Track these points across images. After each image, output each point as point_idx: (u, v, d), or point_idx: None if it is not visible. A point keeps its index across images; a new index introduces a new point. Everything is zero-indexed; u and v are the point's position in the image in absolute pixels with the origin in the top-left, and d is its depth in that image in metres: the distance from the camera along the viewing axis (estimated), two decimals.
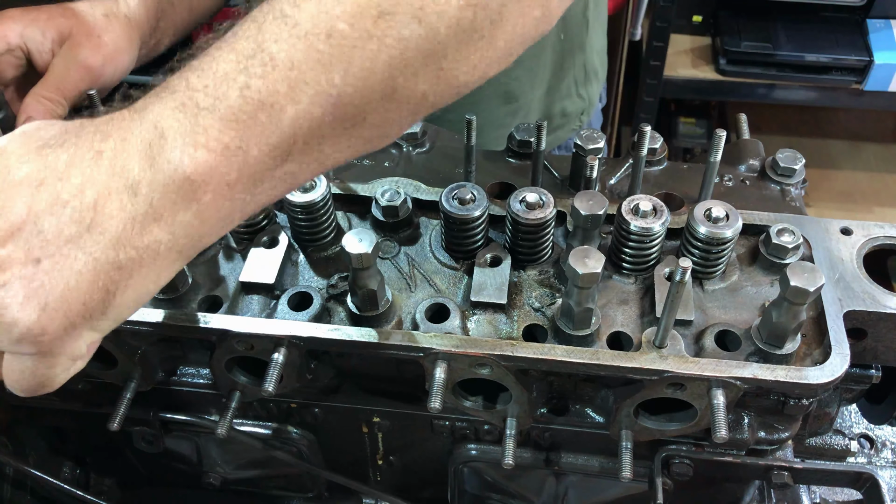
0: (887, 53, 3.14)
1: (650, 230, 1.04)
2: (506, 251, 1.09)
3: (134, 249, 0.74)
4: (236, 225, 0.81)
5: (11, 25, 1.24)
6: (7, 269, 0.71)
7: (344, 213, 1.18)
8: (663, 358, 0.97)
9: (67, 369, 0.80)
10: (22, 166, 0.74)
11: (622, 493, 1.29)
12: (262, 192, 0.77)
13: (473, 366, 0.99)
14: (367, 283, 0.98)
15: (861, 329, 1.06)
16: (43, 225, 0.72)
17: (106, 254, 0.73)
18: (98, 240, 0.72)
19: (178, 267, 0.79)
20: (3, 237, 0.72)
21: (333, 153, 0.79)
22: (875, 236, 1.11)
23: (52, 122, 0.79)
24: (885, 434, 1.43)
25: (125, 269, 0.74)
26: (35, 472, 1.26)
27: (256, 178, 0.75)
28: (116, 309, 0.76)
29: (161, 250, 0.75)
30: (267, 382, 0.99)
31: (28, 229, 0.72)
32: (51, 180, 0.73)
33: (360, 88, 0.73)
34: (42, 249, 0.72)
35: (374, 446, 1.29)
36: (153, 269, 0.76)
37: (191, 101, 0.73)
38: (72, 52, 1.26)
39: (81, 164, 0.73)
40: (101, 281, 0.73)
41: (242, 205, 0.77)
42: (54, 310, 0.72)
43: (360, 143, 0.80)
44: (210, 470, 1.41)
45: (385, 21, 0.71)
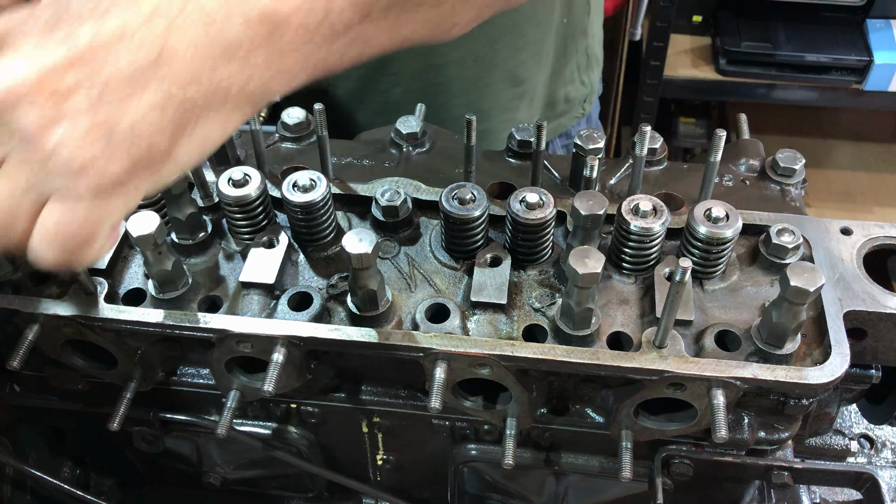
0: (887, 53, 3.14)
1: (650, 230, 1.04)
2: (506, 251, 1.09)
3: (204, 86, 0.69)
4: (302, 83, 0.77)
5: None
6: (69, 99, 0.67)
7: (344, 213, 1.19)
8: (663, 358, 0.97)
9: (108, 233, 0.75)
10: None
11: (622, 493, 1.29)
12: (335, 50, 0.74)
13: (473, 366, 0.99)
14: (367, 283, 0.98)
15: (861, 329, 1.06)
16: (108, 55, 0.67)
17: (174, 89, 0.68)
18: (166, 73, 0.68)
19: (246, 116, 0.75)
20: (66, 66, 0.66)
21: (405, 27, 0.77)
22: (875, 236, 1.11)
23: None
24: (885, 434, 1.43)
25: (193, 108, 0.70)
26: (35, 472, 1.26)
27: (336, 29, 0.72)
28: (180, 154, 0.72)
29: (232, 91, 0.71)
30: (267, 382, 0.99)
31: (92, 59, 0.67)
32: (117, 8, 0.68)
33: None
34: (107, 81, 0.67)
35: (374, 446, 1.29)
36: (221, 112, 0.72)
37: None
38: None
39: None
40: (168, 118, 0.69)
41: (316, 59, 0.74)
42: (118, 145, 0.68)
43: (434, 21, 0.79)
44: (210, 470, 1.41)
45: None
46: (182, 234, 1.12)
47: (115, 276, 1.11)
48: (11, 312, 1.04)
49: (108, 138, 0.67)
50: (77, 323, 1.03)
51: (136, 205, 0.75)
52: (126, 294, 1.08)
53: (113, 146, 0.68)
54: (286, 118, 1.30)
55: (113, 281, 1.09)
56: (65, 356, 1.11)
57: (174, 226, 1.11)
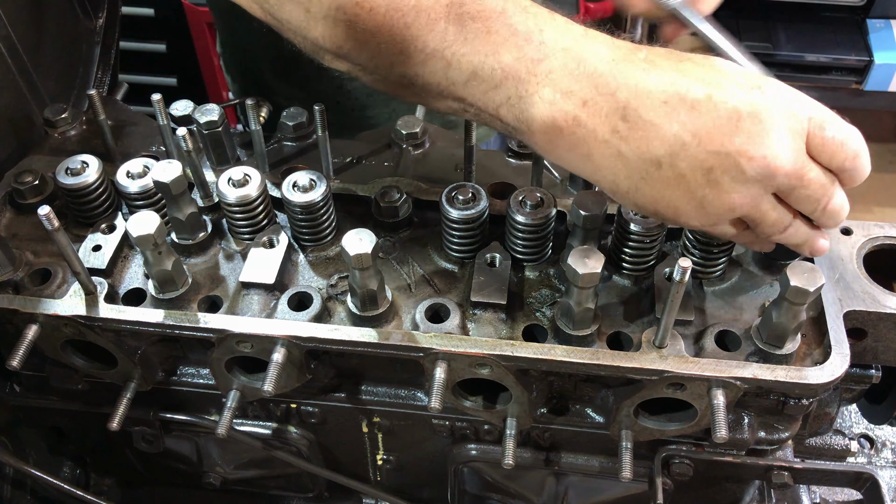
0: (887, 53, 3.14)
1: (650, 230, 1.04)
2: (506, 251, 1.09)
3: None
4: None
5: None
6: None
7: (344, 213, 1.18)
8: (663, 358, 0.97)
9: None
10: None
11: (622, 493, 1.29)
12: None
13: (473, 366, 0.99)
14: (367, 283, 0.98)
15: (861, 329, 1.06)
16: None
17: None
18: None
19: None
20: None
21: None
22: (875, 236, 1.11)
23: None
24: (885, 434, 1.43)
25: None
26: (35, 472, 1.26)
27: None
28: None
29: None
30: (267, 382, 0.99)
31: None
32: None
33: None
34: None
35: (374, 446, 1.29)
36: None
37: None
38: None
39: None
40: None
41: None
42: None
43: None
44: (210, 470, 1.41)
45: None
46: (182, 234, 1.12)
47: (115, 276, 1.11)
48: (11, 312, 1.03)
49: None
50: (77, 323, 1.03)
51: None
52: (126, 294, 1.08)
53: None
54: (286, 118, 1.30)
55: (113, 281, 1.09)
56: (65, 356, 1.10)
57: (174, 226, 1.11)
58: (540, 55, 0.85)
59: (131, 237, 0.96)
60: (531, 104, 0.85)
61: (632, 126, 0.83)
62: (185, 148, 1.08)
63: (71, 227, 1.16)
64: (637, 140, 0.83)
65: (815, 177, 0.86)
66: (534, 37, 0.85)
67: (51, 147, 1.30)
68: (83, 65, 1.52)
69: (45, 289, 1.07)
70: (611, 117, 0.83)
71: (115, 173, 1.13)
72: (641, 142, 0.83)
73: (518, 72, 0.85)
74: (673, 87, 0.82)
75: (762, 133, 0.81)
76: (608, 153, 0.85)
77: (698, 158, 0.82)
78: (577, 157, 0.88)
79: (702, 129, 0.81)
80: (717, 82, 0.82)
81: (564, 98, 0.84)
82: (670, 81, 0.82)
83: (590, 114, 0.84)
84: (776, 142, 0.82)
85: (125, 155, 1.25)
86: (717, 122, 0.81)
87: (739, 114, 0.81)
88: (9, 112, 1.30)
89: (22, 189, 1.17)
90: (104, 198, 1.16)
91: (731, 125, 0.81)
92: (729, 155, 0.82)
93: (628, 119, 0.83)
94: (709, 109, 0.81)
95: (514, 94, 0.86)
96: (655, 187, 0.86)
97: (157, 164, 1.04)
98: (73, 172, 1.13)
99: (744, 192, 0.84)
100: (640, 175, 0.85)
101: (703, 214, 0.87)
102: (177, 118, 1.27)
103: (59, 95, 1.43)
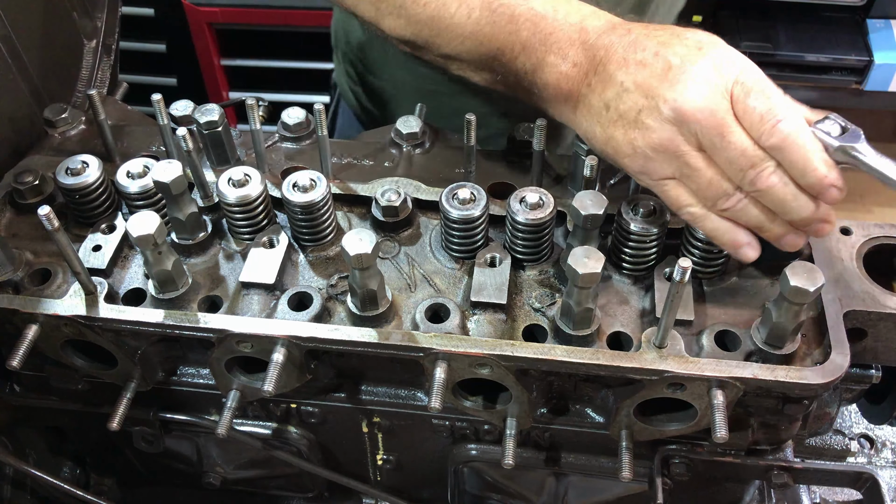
0: (887, 53, 3.14)
1: (650, 230, 1.04)
2: (506, 251, 1.09)
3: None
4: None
5: None
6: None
7: (344, 213, 1.19)
8: (663, 358, 0.97)
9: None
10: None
11: (622, 493, 1.29)
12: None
13: (473, 366, 0.99)
14: (367, 283, 0.98)
15: (861, 329, 1.06)
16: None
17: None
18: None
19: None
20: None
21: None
22: (875, 236, 1.11)
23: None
24: (885, 434, 1.43)
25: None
26: (35, 472, 1.26)
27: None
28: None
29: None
30: (267, 382, 0.99)
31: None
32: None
33: None
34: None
35: (374, 446, 1.29)
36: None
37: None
38: None
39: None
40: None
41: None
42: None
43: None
44: (210, 470, 1.41)
45: None
46: (182, 234, 1.12)
47: (115, 276, 1.11)
48: (11, 312, 1.03)
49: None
50: (77, 323, 1.03)
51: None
52: (126, 294, 1.08)
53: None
54: (286, 118, 1.30)
55: (113, 281, 1.09)
56: (65, 356, 1.10)
57: (174, 226, 1.11)
58: (551, 29, 1.04)
59: (131, 237, 0.96)
60: (542, 69, 1.05)
61: (598, 78, 1.00)
62: (185, 148, 1.08)
63: (71, 227, 1.16)
64: (598, 88, 1.00)
65: (736, 139, 0.91)
66: (549, 15, 1.05)
67: (51, 147, 1.30)
68: (83, 65, 1.52)
69: (45, 289, 1.07)
70: (589, 74, 1.01)
71: (115, 173, 1.13)
72: (599, 88, 0.99)
73: (533, 44, 1.05)
74: (632, 46, 0.97)
75: (681, 80, 0.92)
76: (584, 104, 1.02)
77: (632, 101, 0.96)
78: (568, 109, 1.05)
79: (640, 77, 0.95)
80: (669, 42, 0.95)
81: (563, 61, 1.03)
82: (633, 43, 0.97)
83: (577, 72, 1.02)
84: (690, 88, 0.92)
85: (125, 155, 1.25)
86: (653, 72, 0.94)
87: (671, 64, 0.93)
88: (9, 112, 1.30)
89: (22, 189, 1.17)
90: (104, 198, 1.16)
91: (661, 74, 0.94)
92: (652, 97, 0.94)
93: (597, 73, 1.00)
94: (651, 63, 0.95)
95: (528, 63, 1.06)
96: (606, 129, 1.00)
97: (157, 164, 1.04)
98: (73, 172, 1.13)
99: (661, 131, 0.94)
100: (596, 119, 1.01)
101: (634, 154, 0.98)
102: (177, 118, 1.27)
103: (59, 95, 1.43)
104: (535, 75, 1.06)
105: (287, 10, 3.05)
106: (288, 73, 3.26)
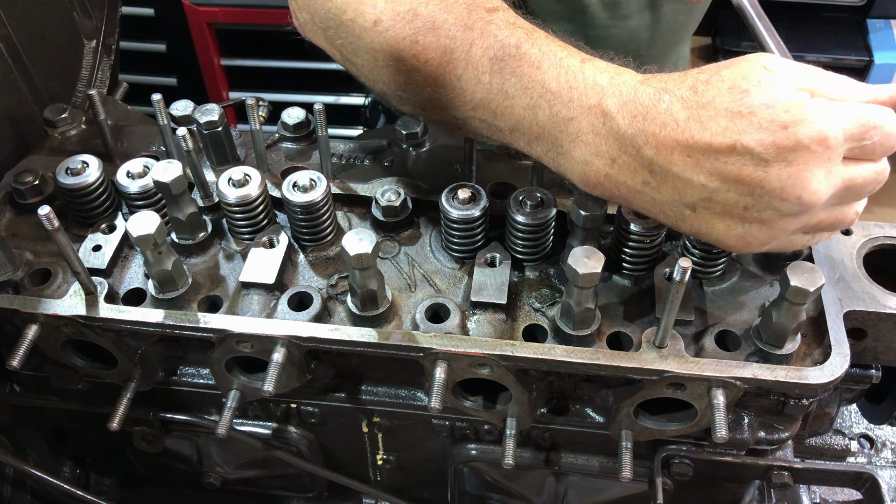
0: (887, 53, 3.14)
1: (650, 230, 1.04)
2: (506, 251, 1.09)
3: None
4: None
5: None
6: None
7: (344, 213, 1.19)
8: (663, 358, 0.97)
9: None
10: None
11: (622, 493, 1.29)
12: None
13: (473, 366, 0.99)
14: (367, 283, 0.98)
15: (861, 329, 1.06)
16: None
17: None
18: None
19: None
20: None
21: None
22: (875, 236, 1.11)
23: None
24: (885, 434, 1.43)
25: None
26: (35, 472, 1.26)
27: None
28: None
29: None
30: (267, 382, 0.99)
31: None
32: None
33: None
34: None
35: (374, 446, 1.29)
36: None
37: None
38: None
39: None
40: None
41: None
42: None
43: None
44: (210, 470, 1.41)
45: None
46: (182, 234, 1.12)
47: (115, 276, 1.11)
48: (11, 312, 1.03)
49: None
50: (77, 323, 1.03)
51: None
52: (126, 294, 1.08)
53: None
54: (286, 118, 1.30)
55: (113, 281, 1.09)
56: (65, 356, 1.10)
57: (174, 226, 1.11)
58: (569, 114, 0.89)
59: (131, 237, 0.96)
60: (566, 161, 0.93)
61: (660, 179, 0.87)
62: (185, 148, 1.08)
63: (71, 227, 1.16)
64: (668, 190, 0.87)
65: (863, 180, 0.86)
66: (563, 94, 0.90)
67: (51, 147, 1.30)
68: (83, 65, 1.52)
69: (45, 289, 1.07)
70: (639, 172, 0.88)
71: (115, 173, 1.13)
72: (673, 192, 0.87)
73: (551, 130, 0.91)
74: (695, 141, 0.83)
75: (792, 175, 0.81)
76: (644, 200, 0.91)
77: (731, 201, 0.84)
78: (619, 201, 0.95)
79: (730, 176, 0.83)
80: (739, 130, 0.81)
81: (595, 157, 0.89)
82: (693, 134, 0.83)
83: (619, 170, 0.89)
84: (809, 180, 0.81)
85: (125, 155, 1.25)
86: (744, 168, 0.82)
87: (766, 160, 0.81)
88: (9, 112, 1.30)
89: (22, 189, 1.17)
90: (104, 198, 1.16)
91: (758, 171, 0.81)
92: (762, 196, 0.83)
93: (655, 173, 0.86)
94: (734, 159, 0.82)
95: (551, 149, 0.93)
96: (695, 224, 0.89)
97: (157, 164, 1.04)
98: (73, 172, 1.13)
99: (785, 223, 0.86)
100: (677, 216, 0.90)
101: (747, 244, 0.89)
102: (177, 118, 1.27)
103: (59, 95, 1.43)
104: (562, 167, 0.94)
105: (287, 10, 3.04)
106: (288, 73, 3.25)
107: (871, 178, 0.87)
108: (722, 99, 0.83)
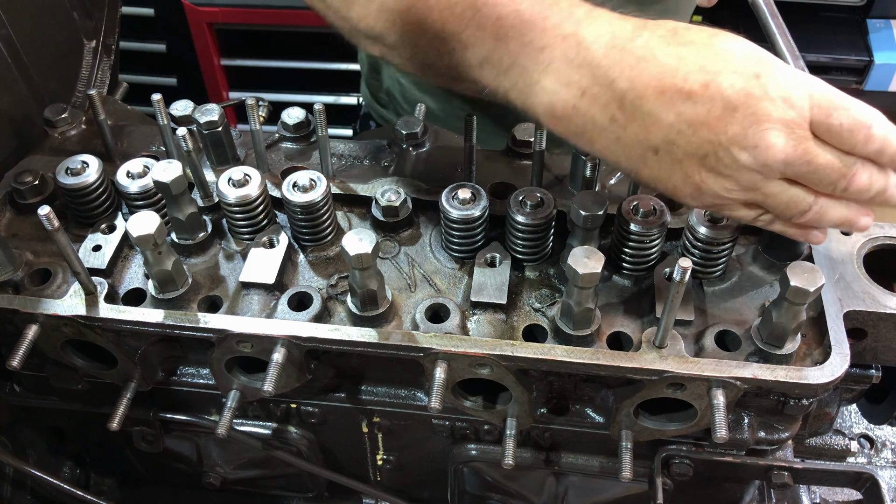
0: (887, 53, 3.14)
1: (650, 230, 1.04)
2: (506, 251, 1.09)
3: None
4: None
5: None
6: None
7: (344, 213, 1.19)
8: (663, 358, 0.97)
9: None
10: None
11: (622, 493, 1.29)
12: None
13: (473, 366, 0.99)
14: (367, 283, 0.98)
15: (861, 329, 1.06)
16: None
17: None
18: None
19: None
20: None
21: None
22: (875, 236, 1.11)
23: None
24: (885, 434, 1.43)
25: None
26: (35, 472, 1.26)
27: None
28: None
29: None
30: (267, 382, 0.99)
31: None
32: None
33: None
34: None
35: (374, 446, 1.29)
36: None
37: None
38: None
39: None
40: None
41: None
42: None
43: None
44: (210, 470, 1.41)
45: None
46: (182, 234, 1.12)
47: (115, 276, 1.11)
48: (11, 312, 1.03)
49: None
50: (77, 323, 1.03)
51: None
52: (126, 294, 1.08)
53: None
54: (286, 118, 1.30)
55: (113, 281, 1.09)
56: (65, 356, 1.10)
57: (174, 226, 1.11)
58: (542, 43, 0.87)
59: (131, 237, 0.96)
60: (534, 93, 0.89)
61: (629, 116, 0.85)
62: (185, 148, 1.08)
63: (71, 227, 1.16)
64: (634, 129, 0.85)
65: (825, 161, 0.85)
66: (537, 23, 0.87)
67: (51, 147, 1.30)
68: (83, 65, 1.52)
69: (45, 289, 1.07)
70: (609, 106, 0.86)
71: (115, 173, 1.13)
72: (639, 130, 0.85)
73: (522, 60, 0.88)
74: (670, 77, 0.82)
75: (755, 123, 0.81)
76: (608, 139, 0.88)
77: (693, 146, 0.84)
78: (581, 140, 0.91)
79: (696, 118, 0.82)
80: (715, 70, 0.82)
81: (564, 88, 0.87)
82: (667, 71, 0.83)
83: (588, 103, 0.86)
84: (768, 132, 0.82)
85: (125, 155, 1.25)
86: (711, 111, 0.82)
87: (734, 104, 0.81)
88: (9, 112, 1.30)
89: (22, 189, 1.17)
90: (104, 198, 1.16)
91: (725, 115, 0.82)
92: (721, 144, 0.83)
93: (625, 109, 0.85)
94: (704, 99, 0.82)
95: (520, 81, 0.89)
96: (654, 170, 0.88)
97: (157, 164, 1.04)
98: (73, 172, 1.13)
99: (739, 178, 0.85)
100: (639, 159, 0.88)
101: (700, 197, 0.89)
102: (177, 118, 1.27)
103: (59, 95, 1.43)
104: (529, 100, 0.90)
105: (287, 10, 3.05)
106: (288, 73, 3.26)
107: (836, 168, 0.86)
108: (702, 40, 0.84)
